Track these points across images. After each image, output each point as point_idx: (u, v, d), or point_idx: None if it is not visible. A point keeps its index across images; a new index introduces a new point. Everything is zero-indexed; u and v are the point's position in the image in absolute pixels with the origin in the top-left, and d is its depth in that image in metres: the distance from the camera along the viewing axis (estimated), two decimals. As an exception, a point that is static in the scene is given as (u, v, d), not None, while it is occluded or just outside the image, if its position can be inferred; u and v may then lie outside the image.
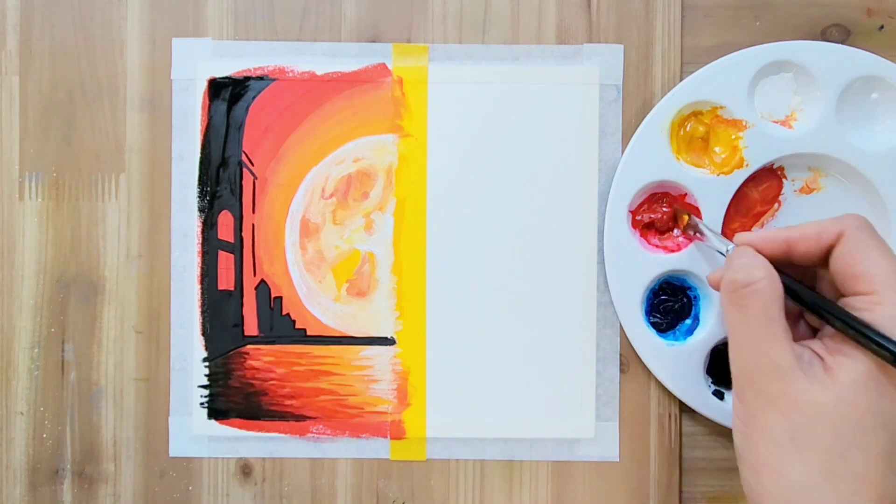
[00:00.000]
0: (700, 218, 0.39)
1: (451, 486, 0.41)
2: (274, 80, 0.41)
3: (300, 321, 0.41)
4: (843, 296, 0.31)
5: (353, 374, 0.41)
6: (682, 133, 0.40)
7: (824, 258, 0.32)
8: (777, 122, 0.40)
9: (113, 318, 0.41)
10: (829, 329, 0.32)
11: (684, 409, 0.41)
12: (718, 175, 0.39)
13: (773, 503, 0.29)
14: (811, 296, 0.32)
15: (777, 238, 0.33)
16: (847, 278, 0.31)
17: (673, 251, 0.40)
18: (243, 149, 0.41)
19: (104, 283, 0.41)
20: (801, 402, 0.29)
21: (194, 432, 0.41)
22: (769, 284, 0.31)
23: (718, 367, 0.40)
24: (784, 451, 0.28)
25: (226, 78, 0.41)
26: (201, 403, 0.41)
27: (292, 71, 0.41)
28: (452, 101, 0.41)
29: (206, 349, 0.41)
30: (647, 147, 0.39)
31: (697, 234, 0.38)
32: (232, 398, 0.41)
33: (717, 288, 0.35)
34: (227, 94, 0.41)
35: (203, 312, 0.41)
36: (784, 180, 0.40)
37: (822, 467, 0.28)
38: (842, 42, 0.40)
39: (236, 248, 0.41)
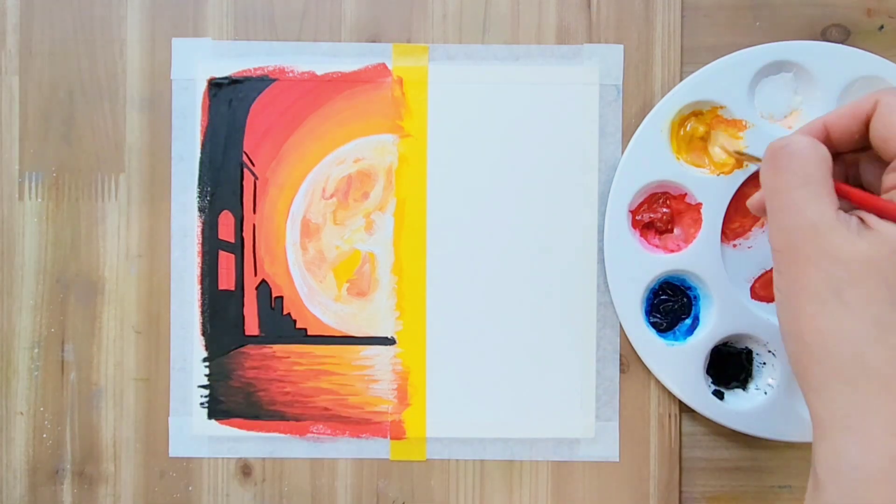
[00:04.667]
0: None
1: (451, 486, 0.41)
2: (274, 80, 0.41)
3: (301, 321, 0.41)
4: (887, 168, 0.30)
5: (353, 373, 0.41)
6: (682, 133, 0.40)
7: (864, 134, 0.31)
8: (777, 122, 0.40)
9: (113, 318, 0.41)
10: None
11: (684, 409, 0.41)
12: (718, 175, 0.39)
13: (821, 364, 0.28)
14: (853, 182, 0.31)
15: (815, 125, 0.31)
16: (887, 143, 0.29)
17: (673, 251, 0.40)
18: (244, 149, 0.41)
19: (104, 283, 0.41)
20: (845, 257, 0.27)
21: (194, 432, 0.41)
22: (808, 145, 0.29)
23: (718, 367, 0.40)
24: (829, 308, 0.27)
25: (226, 78, 0.41)
26: (201, 403, 0.41)
27: (292, 71, 0.41)
28: (452, 101, 0.41)
29: (206, 349, 0.41)
30: (647, 147, 0.39)
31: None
32: (232, 398, 0.41)
33: (757, 211, 0.34)
34: (228, 94, 0.41)
35: (203, 312, 0.41)
36: (784, 180, 0.40)
37: (873, 320, 0.26)
38: (842, 42, 0.41)
39: (237, 248, 0.41)
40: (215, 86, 0.41)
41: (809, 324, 0.28)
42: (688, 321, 0.40)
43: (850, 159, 0.33)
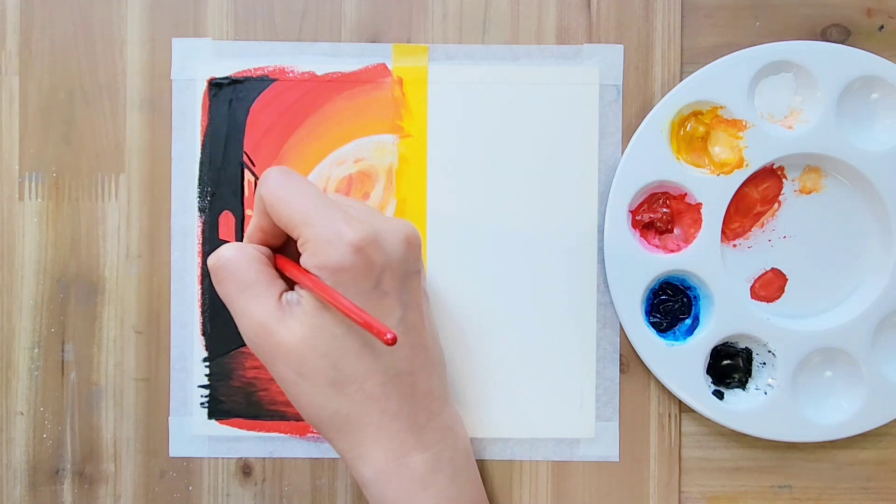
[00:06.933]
0: None
1: (452, 486, 0.41)
2: (274, 80, 0.41)
3: (300, 321, 0.41)
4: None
5: (353, 374, 0.41)
6: (682, 133, 0.40)
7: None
8: (777, 122, 0.40)
9: (113, 318, 0.41)
10: None
11: (684, 409, 0.41)
12: (718, 175, 0.39)
13: (322, 425, 0.34)
14: (280, 260, 0.35)
15: (251, 230, 0.35)
16: (288, 232, 0.33)
17: (673, 251, 0.40)
18: (244, 149, 0.41)
19: (104, 283, 0.41)
20: (292, 346, 0.32)
21: (194, 432, 0.41)
22: (234, 254, 0.33)
23: (718, 367, 0.40)
24: (301, 386, 0.33)
25: (226, 78, 0.41)
26: (201, 403, 0.41)
27: (292, 71, 0.41)
28: (452, 101, 0.41)
29: (207, 349, 0.41)
30: (647, 147, 0.39)
31: None
32: (232, 398, 0.41)
33: None
34: (228, 94, 0.41)
35: (203, 312, 0.41)
36: (784, 180, 0.41)
37: (328, 383, 0.33)
38: (842, 42, 0.41)
39: (236, 248, 0.41)
40: (215, 86, 0.41)
41: (298, 401, 0.34)
42: (688, 321, 0.40)
43: None
